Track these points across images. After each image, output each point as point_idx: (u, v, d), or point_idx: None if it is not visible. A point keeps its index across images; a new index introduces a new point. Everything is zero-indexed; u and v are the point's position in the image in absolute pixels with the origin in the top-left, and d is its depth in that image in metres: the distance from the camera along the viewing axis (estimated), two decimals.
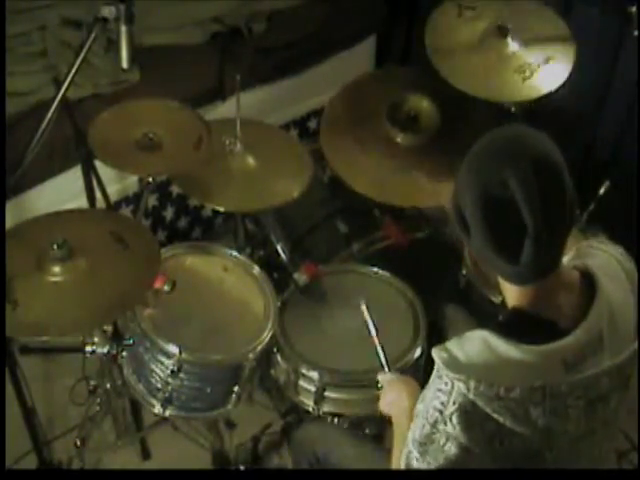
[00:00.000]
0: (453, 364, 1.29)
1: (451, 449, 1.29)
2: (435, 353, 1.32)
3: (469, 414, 1.27)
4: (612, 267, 1.43)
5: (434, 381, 1.32)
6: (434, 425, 1.30)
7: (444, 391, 1.29)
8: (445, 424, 1.29)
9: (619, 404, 1.39)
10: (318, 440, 1.89)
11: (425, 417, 1.32)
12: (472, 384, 1.25)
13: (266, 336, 2.02)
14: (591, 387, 1.32)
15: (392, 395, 1.67)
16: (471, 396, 1.26)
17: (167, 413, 2.04)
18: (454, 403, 1.28)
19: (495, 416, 1.26)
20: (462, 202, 1.30)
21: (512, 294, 1.36)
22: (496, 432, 1.28)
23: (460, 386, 1.26)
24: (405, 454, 1.36)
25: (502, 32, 2.29)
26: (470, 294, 2.21)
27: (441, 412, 1.29)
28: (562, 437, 1.33)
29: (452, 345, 1.32)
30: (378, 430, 2.10)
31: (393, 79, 2.58)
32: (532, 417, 1.28)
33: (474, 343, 1.31)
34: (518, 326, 1.33)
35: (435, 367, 1.32)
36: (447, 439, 1.29)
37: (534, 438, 1.30)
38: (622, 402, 1.40)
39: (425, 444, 1.32)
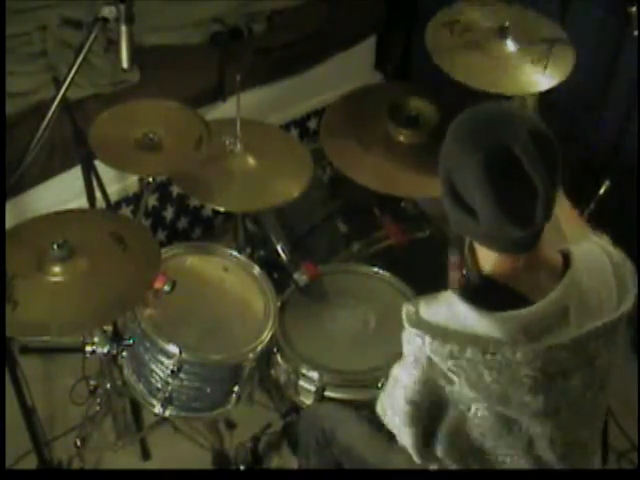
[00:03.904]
0: (413, 319, 1.37)
1: (400, 398, 1.42)
2: (404, 305, 1.41)
3: (424, 369, 1.35)
4: (595, 256, 1.45)
5: (403, 330, 1.40)
6: (394, 377, 1.46)
7: (406, 340, 1.39)
8: (401, 370, 1.42)
9: (586, 387, 1.41)
10: (326, 417, 1.91)
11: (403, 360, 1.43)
12: (427, 339, 1.33)
13: (266, 336, 2.02)
14: (550, 360, 1.33)
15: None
16: (427, 351, 1.33)
17: (167, 413, 2.04)
18: (412, 355, 1.37)
19: (450, 375, 1.33)
20: (460, 181, 1.31)
21: (492, 262, 1.38)
22: (449, 393, 1.37)
23: (417, 340, 1.34)
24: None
25: (502, 33, 2.29)
26: None
27: (403, 358, 1.40)
28: (522, 409, 1.37)
29: (421, 301, 1.40)
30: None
31: (392, 89, 2.60)
32: (486, 381, 1.32)
33: (439, 303, 1.38)
34: (486, 293, 1.37)
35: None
36: (395, 384, 1.43)
37: (492, 405, 1.35)
38: (589, 386, 1.41)
39: (386, 390, 1.49)
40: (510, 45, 2.27)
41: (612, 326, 1.38)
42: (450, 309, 1.35)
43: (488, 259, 1.38)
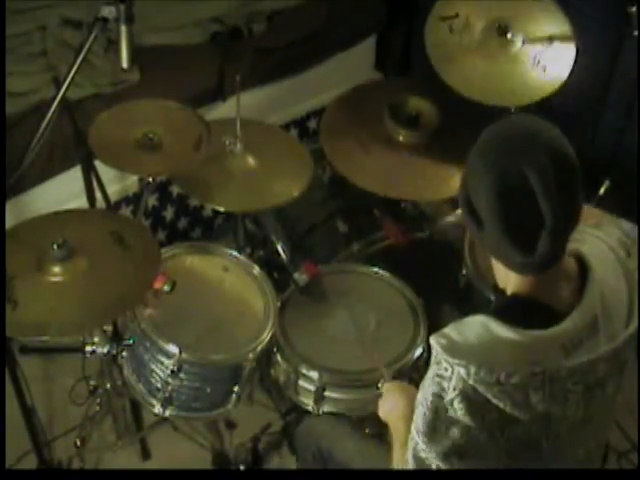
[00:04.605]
0: (452, 349, 1.28)
1: (455, 433, 1.28)
2: (433, 339, 1.31)
3: (470, 400, 1.26)
4: (602, 252, 1.43)
5: (432, 368, 1.31)
6: (435, 412, 1.29)
7: (444, 377, 1.28)
8: (447, 410, 1.28)
9: (615, 391, 1.40)
10: (323, 434, 1.89)
11: (426, 405, 1.31)
12: (472, 369, 1.25)
13: (266, 336, 2.02)
14: (589, 372, 1.32)
15: (390, 401, 1.66)
16: (471, 382, 1.25)
17: (167, 413, 2.04)
18: (454, 389, 1.27)
19: (495, 402, 1.26)
20: (474, 192, 1.29)
21: (514, 282, 1.35)
22: (496, 420, 1.28)
23: (460, 371, 1.25)
24: (412, 448, 1.35)
25: (502, 31, 2.28)
26: (470, 294, 2.21)
27: (442, 398, 1.28)
28: (561, 424, 1.33)
29: (451, 330, 1.31)
30: (379, 429, 2.10)
31: (393, 87, 2.60)
32: (532, 402, 1.27)
33: (473, 327, 1.30)
34: (518, 311, 1.33)
35: (433, 354, 1.31)
36: (451, 424, 1.28)
37: (533, 424, 1.30)
38: (618, 389, 1.41)
39: (429, 433, 1.31)
40: (510, 43, 2.27)
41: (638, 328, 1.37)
42: (487, 331, 1.29)
43: (507, 277, 1.37)
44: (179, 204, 2.90)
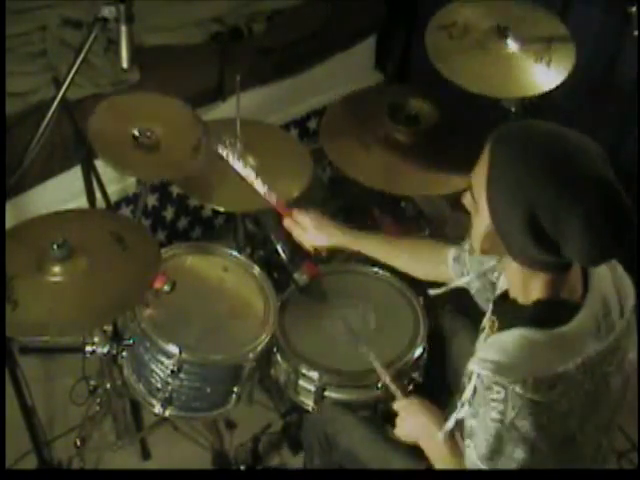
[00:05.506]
0: (502, 370, 1.29)
1: (520, 454, 1.30)
2: (479, 368, 1.32)
3: (531, 413, 1.28)
4: None
5: (483, 394, 1.32)
6: (498, 437, 1.30)
7: (499, 400, 1.29)
8: (509, 431, 1.29)
9: (624, 387, 1.43)
10: (328, 421, 1.90)
11: (487, 432, 1.32)
12: (529, 381, 1.26)
13: (266, 336, 2.02)
14: (616, 349, 1.35)
15: (411, 420, 1.66)
16: (529, 395, 1.27)
17: (167, 413, 2.04)
18: (514, 408, 1.28)
19: (554, 405, 1.28)
20: (549, 214, 1.26)
21: (537, 286, 1.36)
22: (554, 422, 1.30)
23: (516, 388, 1.27)
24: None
25: (502, 33, 2.29)
26: (470, 294, 2.21)
27: (502, 421, 1.29)
28: (602, 407, 1.36)
29: (489, 354, 1.33)
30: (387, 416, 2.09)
31: (393, 92, 2.61)
32: (583, 393, 1.31)
33: (513, 343, 1.32)
34: (547, 315, 1.35)
35: (479, 380, 1.32)
36: (515, 445, 1.30)
37: (582, 415, 1.33)
38: (626, 385, 1.43)
39: (493, 458, 1.33)
40: (510, 44, 2.27)
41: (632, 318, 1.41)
42: (527, 343, 1.31)
43: (530, 284, 1.38)
44: (179, 204, 2.90)
